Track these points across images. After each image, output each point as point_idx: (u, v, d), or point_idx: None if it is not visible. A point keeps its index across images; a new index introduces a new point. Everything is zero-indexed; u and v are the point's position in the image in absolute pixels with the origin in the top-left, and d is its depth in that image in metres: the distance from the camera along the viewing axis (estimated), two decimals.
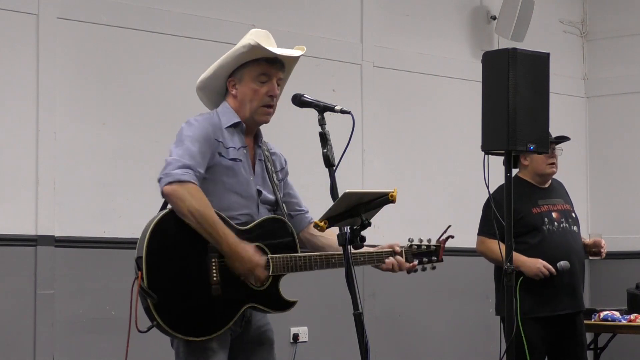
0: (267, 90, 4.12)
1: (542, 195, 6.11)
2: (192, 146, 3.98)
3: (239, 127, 4.13)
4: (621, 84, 9.17)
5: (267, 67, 4.11)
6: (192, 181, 3.91)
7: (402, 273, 8.66)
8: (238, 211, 4.05)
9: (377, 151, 7.90)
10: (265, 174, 4.19)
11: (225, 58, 4.13)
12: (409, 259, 4.34)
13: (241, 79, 4.13)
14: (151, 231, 3.91)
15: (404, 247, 4.34)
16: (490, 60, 5.31)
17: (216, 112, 4.16)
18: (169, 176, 3.93)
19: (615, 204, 9.14)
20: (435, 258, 4.42)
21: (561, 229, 6.04)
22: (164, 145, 6.81)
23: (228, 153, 4.06)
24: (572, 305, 6.00)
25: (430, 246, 4.42)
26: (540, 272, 5.83)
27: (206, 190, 3.98)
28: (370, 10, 7.94)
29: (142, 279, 3.85)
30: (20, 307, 6.23)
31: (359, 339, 3.68)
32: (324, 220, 3.80)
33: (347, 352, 6.27)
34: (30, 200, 6.27)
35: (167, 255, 3.91)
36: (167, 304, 3.87)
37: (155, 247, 3.90)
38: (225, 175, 4.05)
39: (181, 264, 3.91)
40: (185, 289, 3.90)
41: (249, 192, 4.09)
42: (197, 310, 3.91)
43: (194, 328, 3.92)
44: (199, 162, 3.96)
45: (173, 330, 3.89)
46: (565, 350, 6.04)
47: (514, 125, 5.13)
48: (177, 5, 6.93)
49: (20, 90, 6.29)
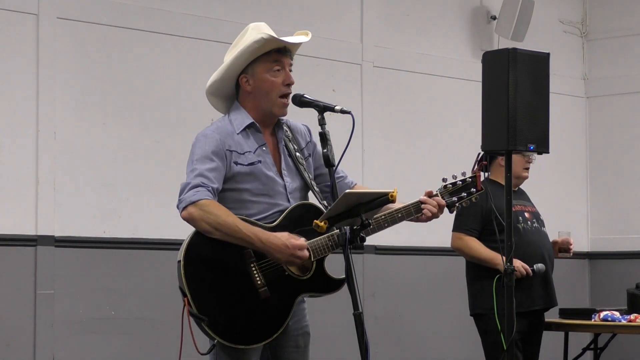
0: (283, 80, 4.09)
1: (514, 196, 6.19)
2: (201, 165, 3.98)
3: (254, 128, 4.11)
4: (621, 84, 9.16)
5: (278, 57, 4.09)
6: (204, 198, 3.93)
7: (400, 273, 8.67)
8: (268, 212, 4.05)
9: (377, 151, 7.90)
10: (288, 159, 4.15)
11: (237, 57, 4.08)
12: (447, 199, 4.22)
13: (254, 73, 4.09)
14: (184, 259, 3.94)
15: (439, 190, 4.24)
16: (490, 60, 5.31)
17: (228, 117, 4.14)
18: (182, 201, 3.96)
19: (615, 204, 9.14)
20: (474, 190, 4.27)
21: (534, 228, 6.15)
22: (164, 145, 6.85)
23: (245, 159, 4.05)
24: (545, 302, 6.16)
25: (466, 179, 4.28)
26: (519, 272, 5.89)
27: (233, 199, 4.01)
28: (370, 10, 7.94)
29: (189, 305, 3.90)
30: (20, 307, 6.23)
31: (359, 339, 3.68)
32: (324, 220, 3.80)
33: (347, 352, 6.27)
34: (30, 200, 6.27)
35: (206, 276, 3.94)
36: (220, 321, 3.91)
37: (193, 272, 3.93)
38: (247, 182, 4.04)
39: (223, 279, 3.94)
40: (234, 301, 3.93)
41: (275, 190, 4.08)
42: (253, 317, 3.94)
43: (255, 335, 3.96)
44: (210, 178, 3.97)
45: (235, 343, 3.94)
46: (533, 341, 6.20)
47: (514, 125, 5.13)
48: (177, 5, 6.93)
49: (20, 90, 6.29)
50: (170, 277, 6.72)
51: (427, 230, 7.96)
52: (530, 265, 5.96)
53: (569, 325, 6.59)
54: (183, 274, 3.91)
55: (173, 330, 6.67)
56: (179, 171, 6.77)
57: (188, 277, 3.91)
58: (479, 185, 4.27)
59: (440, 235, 7.85)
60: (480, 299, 6.02)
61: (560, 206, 8.84)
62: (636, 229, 8.95)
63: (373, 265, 7.74)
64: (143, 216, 6.68)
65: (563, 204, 9.00)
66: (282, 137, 4.17)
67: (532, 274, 5.95)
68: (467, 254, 6.10)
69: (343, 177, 4.30)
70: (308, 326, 4.18)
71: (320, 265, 4.04)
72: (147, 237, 6.66)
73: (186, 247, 3.95)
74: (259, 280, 3.94)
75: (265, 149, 4.11)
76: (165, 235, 6.63)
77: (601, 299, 8.78)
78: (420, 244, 8.04)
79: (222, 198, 4.01)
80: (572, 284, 8.85)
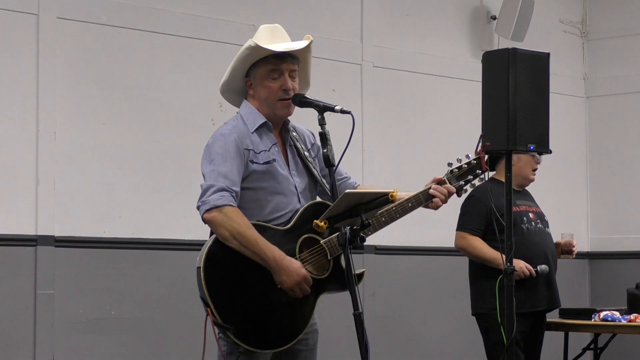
0: (279, 86, 4.09)
1: (519, 196, 6.23)
2: (223, 165, 3.98)
3: (266, 127, 4.12)
4: (621, 84, 9.16)
5: (276, 63, 4.09)
6: (229, 204, 3.93)
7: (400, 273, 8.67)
8: (283, 211, 4.06)
9: (377, 151, 7.90)
10: (297, 159, 4.18)
11: (235, 60, 4.12)
12: (454, 183, 4.27)
13: (255, 78, 4.13)
14: (204, 268, 3.92)
15: (446, 175, 4.29)
16: (490, 60, 5.30)
17: (240, 116, 4.14)
18: (206, 204, 3.94)
19: (615, 204, 9.14)
20: (479, 171, 4.33)
21: (538, 229, 6.17)
22: (164, 145, 6.85)
23: (261, 158, 4.06)
24: (548, 302, 6.18)
25: (471, 162, 4.34)
26: (522, 273, 5.93)
27: (249, 199, 4.01)
28: (370, 10, 7.94)
29: (212, 315, 3.89)
30: (20, 307, 6.23)
31: (359, 339, 3.68)
32: (324, 220, 3.80)
33: (347, 352, 6.27)
34: (30, 200, 6.27)
35: (228, 283, 3.93)
36: (246, 328, 3.91)
37: (214, 280, 3.92)
38: (263, 181, 4.05)
39: (244, 286, 3.94)
40: (258, 307, 3.94)
41: (289, 189, 4.09)
42: (277, 321, 3.96)
43: (281, 338, 3.97)
44: (233, 180, 3.97)
45: (262, 349, 3.94)
46: (535, 341, 6.22)
47: (514, 125, 5.13)
48: (177, 5, 6.93)
49: (20, 90, 6.29)
50: (170, 277, 6.75)
51: (427, 230, 7.99)
52: (534, 266, 5.99)
53: (569, 325, 6.59)
54: (204, 283, 3.89)
55: (173, 330, 6.69)
56: (179, 171, 6.82)
57: (209, 285, 3.89)
58: (484, 166, 4.34)
59: (440, 235, 7.87)
60: (483, 298, 6.03)
61: (560, 206, 8.84)
62: (636, 229, 8.95)
63: (373, 265, 7.73)
64: (143, 216, 6.68)
65: (563, 204, 9.00)
66: (289, 137, 4.19)
67: (535, 275, 5.97)
68: (471, 254, 6.11)
69: (346, 178, 4.32)
70: (317, 324, 4.20)
71: (337, 262, 4.07)
72: (147, 237, 6.65)
73: (206, 253, 3.94)
74: None
75: (277, 148, 4.13)
76: (165, 235, 6.63)
77: (601, 299, 8.78)
78: (420, 244, 8.04)
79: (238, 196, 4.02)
80: (572, 284, 8.85)
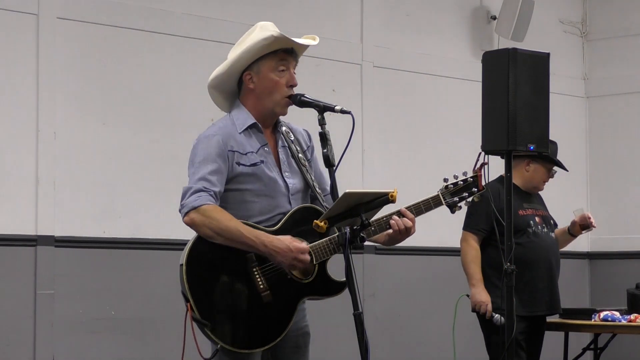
0: (286, 81, 4.06)
1: (527, 200, 6.25)
2: (203, 167, 3.96)
3: (255, 127, 4.09)
4: (621, 84, 9.16)
5: (285, 57, 4.07)
6: (206, 203, 3.91)
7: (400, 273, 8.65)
8: (270, 213, 4.03)
9: (377, 151, 7.90)
10: (291, 160, 4.13)
11: (244, 52, 4.04)
12: (448, 199, 4.14)
13: (259, 71, 4.07)
14: (186, 263, 3.92)
15: (440, 190, 4.16)
16: (490, 60, 5.31)
17: (230, 116, 4.12)
18: (185, 206, 3.94)
19: (615, 204, 9.13)
20: (476, 189, 4.19)
21: (544, 233, 6.19)
22: (164, 145, 6.85)
23: (247, 159, 4.02)
24: (549, 307, 6.21)
25: (467, 179, 4.19)
26: (479, 308, 6.05)
27: (235, 200, 3.99)
28: (370, 10, 7.94)
29: (192, 310, 3.88)
30: (20, 307, 6.23)
31: (359, 339, 3.68)
32: (323, 220, 3.80)
33: (347, 352, 6.27)
34: (30, 200, 6.27)
35: (209, 280, 3.93)
36: (223, 325, 3.91)
37: (195, 276, 3.91)
38: (249, 183, 4.02)
39: (225, 283, 3.93)
40: (237, 306, 3.93)
41: (277, 191, 4.05)
42: (255, 322, 3.94)
43: (258, 339, 3.95)
44: (212, 181, 3.95)
45: (238, 348, 3.93)
46: (534, 342, 6.25)
47: (514, 125, 5.13)
48: (177, 5, 6.93)
49: (20, 90, 6.29)
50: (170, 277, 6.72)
51: (427, 230, 7.98)
52: (534, 269, 6.03)
53: (569, 325, 6.59)
54: (185, 279, 3.89)
55: (173, 330, 6.68)
56: (179, 171, 6.79)
57: (190, 281, 3.90)
58: (481, 185, 4.21)
59: (440, 236, 7.88)
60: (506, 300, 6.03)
61: (560, 206, 8.81)
62: (636, 229, 8.95)
63: (373, 265, 7.73)
64: (143, 216, 6.68)
65: (563, 204, 8.99)
66: (281, 137, 4.16)
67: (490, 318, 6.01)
68: (462, 258, 6.19)
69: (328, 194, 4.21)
70: (307, 326, 4.17)
71: (322, 268, 4.02)
72: (147, 237, 6.66)
73: (188, 251, 3.94)
74: (261, 284, 3.93)
75: (267, 149, 4.09)
76: (165, 235, 6.63)
77: (601, 299, 8.78)
78: (420, 244, 8.02)
79: (224, 198, 3.99)
80: (572, 284, 8.84)
